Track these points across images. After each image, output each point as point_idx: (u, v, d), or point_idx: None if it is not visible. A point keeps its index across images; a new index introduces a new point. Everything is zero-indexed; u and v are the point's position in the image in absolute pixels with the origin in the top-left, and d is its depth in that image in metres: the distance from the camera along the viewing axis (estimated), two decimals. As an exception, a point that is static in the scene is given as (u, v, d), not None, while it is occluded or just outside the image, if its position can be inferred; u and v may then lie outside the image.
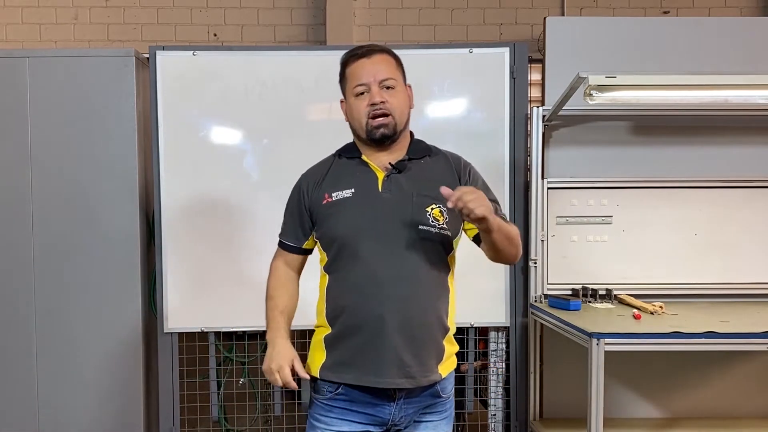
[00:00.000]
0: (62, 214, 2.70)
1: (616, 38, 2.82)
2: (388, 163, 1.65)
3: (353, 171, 1.67)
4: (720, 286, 2.79)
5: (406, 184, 1.63)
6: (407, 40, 4.80)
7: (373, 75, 1.63)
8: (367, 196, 1.62)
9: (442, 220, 1.61)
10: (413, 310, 1.58)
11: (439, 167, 1.70)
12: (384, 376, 1.57)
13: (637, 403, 2.85)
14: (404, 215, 1.60)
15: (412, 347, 1.58)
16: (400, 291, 1.57)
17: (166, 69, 2.72)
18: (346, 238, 1.60)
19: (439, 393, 1.67)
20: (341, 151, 1.73)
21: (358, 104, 1.64)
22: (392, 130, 1.63)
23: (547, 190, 2.76)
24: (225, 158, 2.77)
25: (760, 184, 2.80)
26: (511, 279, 2.78)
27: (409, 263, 1.58)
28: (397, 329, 1.56)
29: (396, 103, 1.63)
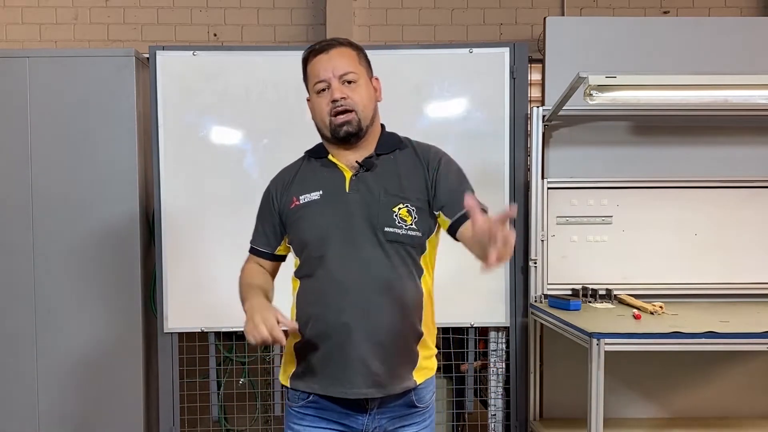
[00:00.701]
0: (62, 214, 2.70)
1: (616, 38, 2.81)
2: (355, 161, 1.59)
3: (321, 172, 1.61)
4: (720, 286, 2.79)
5: (373, 183, 1.56)
6: (407, 40, 4.80)
7: (331, 70, 1.56)
8: (334, 197, 1.56)
9: (410, 220, 1.54)
10: (380, 317, 1.51)
11: (408, 162, 1.61)
12: (352, 386, 1.51)
13: (637, 403, 2.84)
14: (371, 217, 1.53)
15: (380, 355, 1.51)
16: (366, 297, 1.50)
17: (166, 69, 2.72)
18: (313, 242, 1.55)
19: (414, 403, 1.59)
20: (310, 152, 1.68)
21: (319, 102, 1.58)
22: (356, 127, 1.56)
23: (547, 190, 2.76)
24: (225, 158, 2.77)
25: (760, 184, 2.79)
26: (511, 279, 2.78)
27: (376, 267, 1.51)
28: (363, 337, 1.50)
29: (358, 98, 1.56)
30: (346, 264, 1.52)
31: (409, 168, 1.60)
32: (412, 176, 1.58)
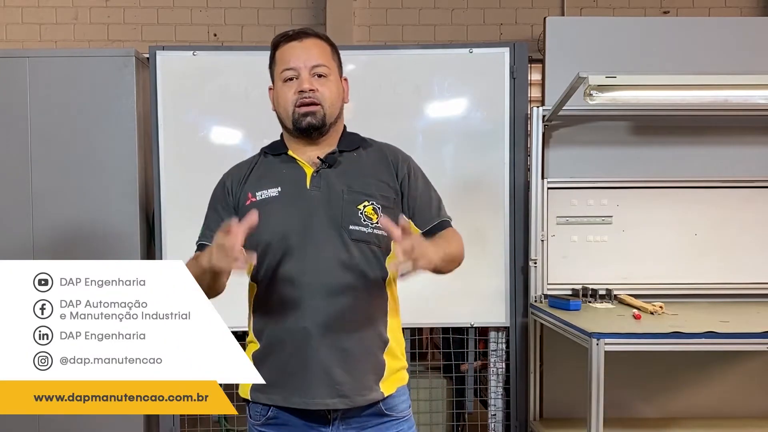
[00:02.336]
0: (62, 214, 2.70)
1: (616, 38, 2.81)
2: (316, 157, 1.48)
3: (280, 168, 1.50)
4: (720, 286, 2.79)
5: (336, 180, 1.46)
6: (407, 40, 4.79)
7: (303, 60, 1.46)
8: (293, 194, 1.45)
9: (375, 218, 1.43)
10: (342, 321, 1.40)
11: (373, 160, 1.52)
12: (313, 396, 1.40)
13: (637, 403, 2.84)
14: (334, 214, 1.43)
15: (343, 363, 1.40)
16: (327, 299, 1.40)
17: (166, 69, 2.72)
18: (270, 242, 1.43)
19: (384, 411, 1.46)
20: (266, 148, 1.57)
21: (285, 91, 1.48)
22: (320, 121, 1.46)
23: (547, 190, 2.76)
24: (225, 158, 2.74)
25: (760, 184, 2.79)
26: (511, 279, 2.78)
27: (338, 269, 1.41)
28: (324, 342, 1.39)
29: (327, 93, 1.47)
30: (307, 265, 1.41)
31: (374, 166, 1.51)
32: (378, 174, 1.49)
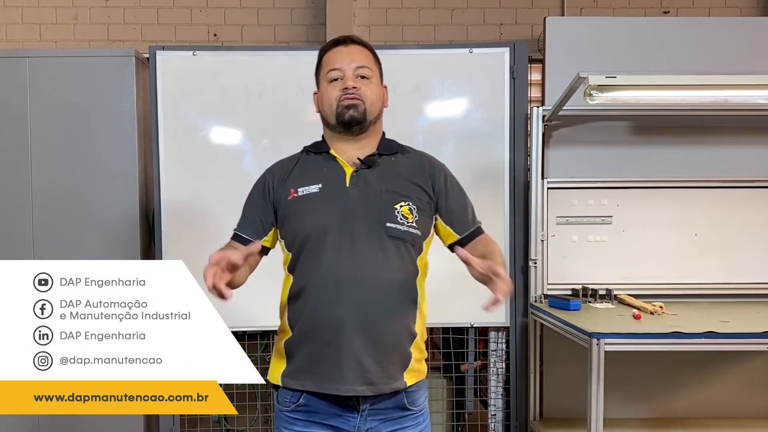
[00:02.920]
0: (62, 214, 2.70)
1: (616, 38, 2.81)
2: (356, 158, 1.58)
3: (321, 166, 1.60)
4: (720, 286, 2.79)
5: (374, 180, 1.56)
6: (407, 40, 4.79)
7: (348, 62, 1.58)
8: (333, 191, 1.55)
9: (411, 218, 1.53)
10: (376, 313, 1.49)
11: (410, 165, 1.62)
12: (344, 382, 1.49)
13: (637, 403, 2.84)
14: (371, 212, 1.52)
15: (373, 352, 1.49)
16: (362, 293, 1.49)
17: (166, 69, 2.71)
18: (309, 235, 1.52)
19: (406, 405, 1.57)
20: (309, 147, 1.67)
21: (330, 90, 1.58)
22: (362, 115, 1.56)
23: (547, 190, 2.76)
24: (225, 158, 2.77)
25: (760, 184, 2.79)
26: (511, 279, 2.78)
27: (374, 263, 1.50)
28: (357, 333, 1.48)
29: (369, 93, 1.57)
30: (344, 259, 1.49)
31: (411, 170, 1.61)
32: (414, 178, 1.59)
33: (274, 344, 1.64)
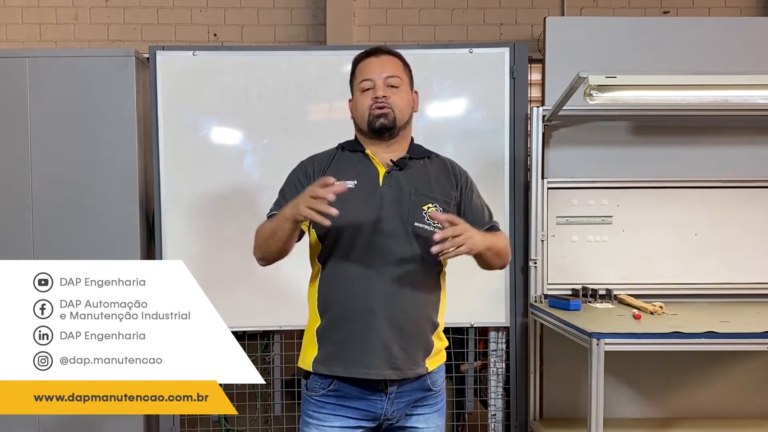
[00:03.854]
0: (62, 214, 2.70)
1: (616, 38, 2.81)
2: (389, 159, 1.69)
3: (356, 163, 1.71)
4: (720, 286, 2.79)
5: (405, 182, 1.68)
6: (407, 40, 4.79)
7: (379, 72, 1.69)
8: (368, 189, 1.66)
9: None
10: (403, 305, 1.62)
11: (437, 170, 1.75)
12: (373, 367, 1.60)
13: (637, 403, 2.84)
14: (401, 211, 1.64)
15: (400, 340, 1.61)
16: (391, 286, 1.61)
17: (166, 69, 2.71)
18: (342, 227, 1.62)
19: (430, 386, 1.71)
20: (344, 144, 1.77)
21: (362, 99, 1.69)
22: (391, 122, 1.67)
23: (547, 190, 2.76)
24: (225, 158, 2.77)
25: (760, 184, 2.79)
26: (511, 279, 2.78)
27: (403, 259, 1.62)
28: (386, 322, 1.60)
29: (398, 101, 1.68)
30: (375, 253, 1.61)
31: (439, 175, 1.73)
32: (442, 183, 1.72)
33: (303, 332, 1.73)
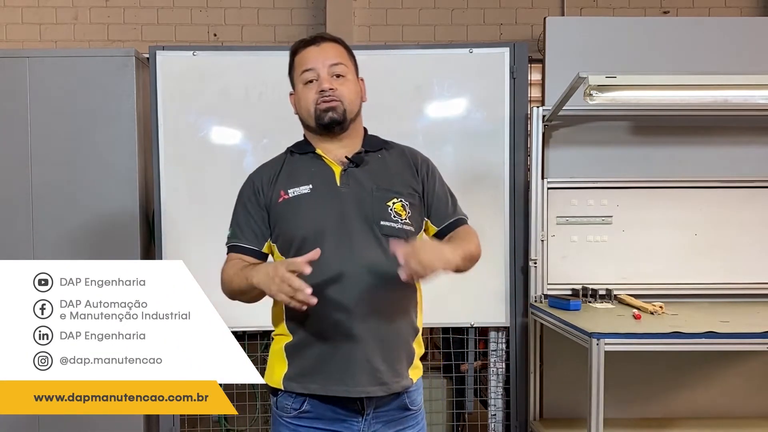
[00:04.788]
0: (62, 214, 2.70)
1: (616, 38, 2.81)
2: (344, 156, 1.55)
3: (308, 166, 1.56)
4: (720, 286, 2.79)
5: (364, 179, 1.53)
6: (407, 40, 4.79)
7: (322, 60, 1.53)
8: (325, 191, 1.52)
9: (404, 215, 1.52)
10: (382, 312, 1.48)
11: (397, 161, 1.60)
12: (355, 384, 1.46)
13: (637, 403, 2.84)
14: (365, 211, 1.50)
15: (382, 351, 1.48)
16: (366, 292, 1.46)
17: (166, 69, 2.71)
18: (305, 237, 1.49)
19: (408, 405, 1.56)
20: (293, 148, 1.63)
21: (306, 92, 1.55)
22: (341, 116, 1.52)
23: (547, 190, 2.76)
24: (225, 158, 2.76)
25: (760, 184, 2.79)
26: (511, 279, 2.78)
27: (374, 263, 1.47)
28: (365, 332, 1.46)
29: (346, 92, 1.53)
30: (344, 259, 1.46)
31: (398, 166, 1.59)
32: (402, 174, 1.57)
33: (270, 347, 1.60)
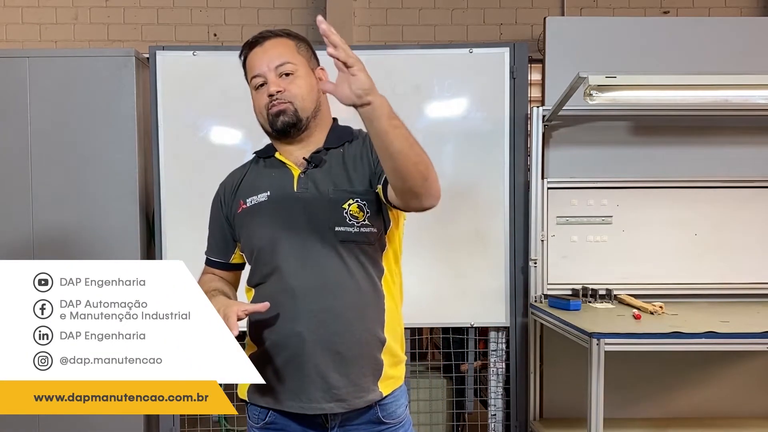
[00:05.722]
0: (62, 214, 2.70)
1: (616, 38, 2.81)
2: (302, 158, 1.47)
3: (269, 172, 1.50)
4: (720, 286, 2.79)
5: (322, 180, 1.44)
6: (407, 40, 4.79)
7: (266, 63, 1.46)
8: (281, 198, 1.45)
9: (361, 216, 1.40)
10: (336, 325, 1.39)
11: (355, 152, 1.47)
12: (309, 400, 1.39)
13: (637, 403, 2.84)
14: (320, 216, 1.41)
15: (339, 366, 1.39)
16: (319, 303, 1.39)
17: (166, 69, 2.72)
18: (261, 247, 1.45)
19: (381, 419, 1.45)
20: (259, 152, 1.56)
21: (257, 98, 1.49)
22: (294, 117, 1.44)
23: (547, 190, 2.76)
24: (225, 158, 2.76)
25: (760, 184, 2.80)
26: (511, 279, 2.78)
27: (328, 271, 1.40)
28: (318, 346, 1.38)
29: (296, 90, 1.45)
30: (298, 269, 1.40)
31: (356, 159, 1.46)
32: (359, 167, 1.45)
33: None
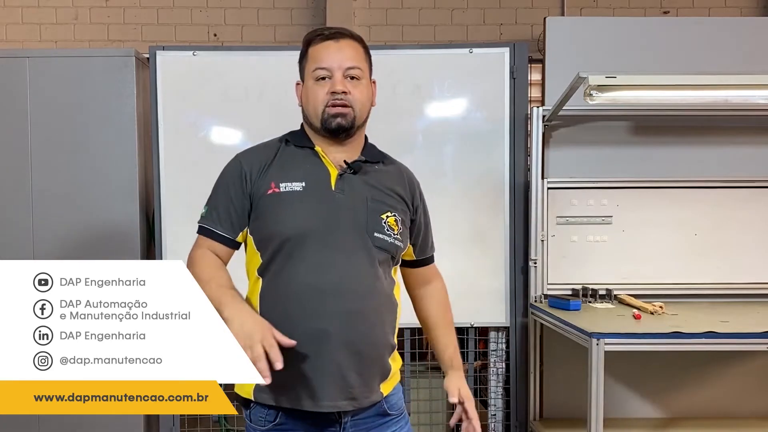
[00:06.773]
0: (62, 214, 2.70)
1: (616, 38, 2.82)
2: (343, 161, 1.47)
3: (303, 162, 1.47)
4: (720, 286, 2.79)
5: (360, 187, 1.45)
6: (407, 40, 4.79)
7: (338, 61, 1.44)
8: (318, 193, 1.43)
9: (396, 229, 1.46)
10: (361, 326, 1.40)
11: (393, 176, 1.53)
12: (325, 398, 1.38)
13: (637, 403, 2.85)
14: (358, 220, 1.42)
15: (357, 366, 1.40)
16: (348, 304, 1.38)
17: (166, 69, 2.72)
18: (290, 237, 1.40)
19: (386, 411, 1.50)
20: (289, 137, 1.54)
21: (316, 90, 1.45)
22: (350, 123, 1.44)
23: (547, 190, 2.76)
24: (225, 158, 2.74)
25: (760, 184, 2.80)
26: (511, 279, 2.78)
27: (359, 273, 1.40)
28: (342, 346, 1.38)
29: (359, 96, 1.45)
30: (328, 266, 1.39)
31: (394, 181, 1.52)
32: (398, 191, 1.51)
33: None
